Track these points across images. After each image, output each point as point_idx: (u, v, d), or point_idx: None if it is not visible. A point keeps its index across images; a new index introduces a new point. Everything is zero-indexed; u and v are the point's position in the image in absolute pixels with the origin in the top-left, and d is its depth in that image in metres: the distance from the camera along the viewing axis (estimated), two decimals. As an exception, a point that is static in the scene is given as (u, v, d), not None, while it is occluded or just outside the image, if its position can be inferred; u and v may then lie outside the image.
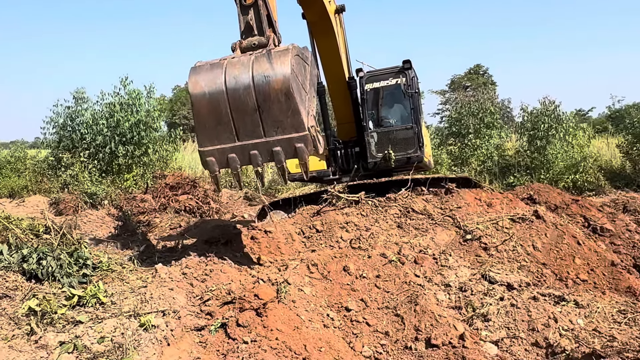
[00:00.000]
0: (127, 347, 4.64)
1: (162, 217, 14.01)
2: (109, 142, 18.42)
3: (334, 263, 7.16)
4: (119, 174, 18.39)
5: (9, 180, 17.91)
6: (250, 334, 5.34)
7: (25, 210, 13.68)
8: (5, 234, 6.53)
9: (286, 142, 6.17)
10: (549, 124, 21.68)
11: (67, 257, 6.32)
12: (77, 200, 14.90)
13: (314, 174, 11.93)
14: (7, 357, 4.38)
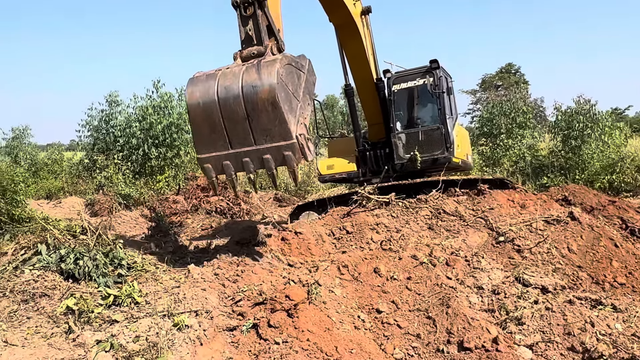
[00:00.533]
0: (161, 347, 4.71)
1: (194, 218, 14.21)
2: (142, 144, 18.77)
3: (365, 264, 7.15)
4: (152, 176, 18.72)
5: (47, 182, 18.42)
6: (281, 335, 5.37)
7: (62, 211, 14.04)
8: (44, 234, 6.70)
9: (275, 150, 6.35)
10: (584, 124, 21.18)
11: (103, 257, 6.46)
12: (112, 202, 15.23)
13: (344, 175, 11.94)
14: (47, 355, 4.50)
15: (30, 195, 15.82)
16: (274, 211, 15.94)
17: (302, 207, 11.95)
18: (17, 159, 21.84)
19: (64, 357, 4.50)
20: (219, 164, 6.64)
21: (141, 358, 4.54)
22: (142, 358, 4.54)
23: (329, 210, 9.82)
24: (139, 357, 4.55)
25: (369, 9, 10.67)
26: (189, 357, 4.73)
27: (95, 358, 4.46)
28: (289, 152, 6.28)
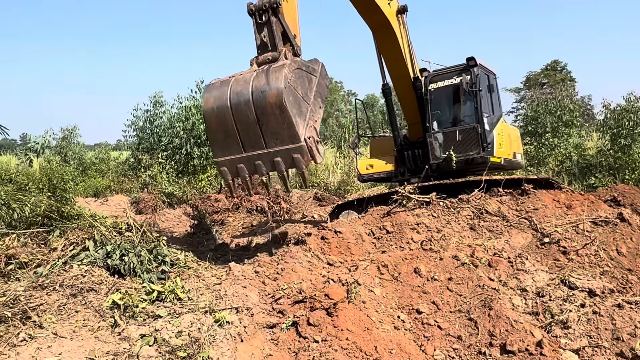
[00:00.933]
0: (202, 342, 4.79)
1: (235, 216, 14.40)
2: (185, 144, 19.12)
3: (405, 264, 7.09)
4: (194, 175, 19.05)
5: (94, 181, 18.98)
6: (320, 333, 5.38)
7: (109, 209, 14.45)
8: (92, 231, 6.92)
9: (285, 152, 6.55)
10: (635, 122, 20.39)
11: (147, 253, 6.63)
12: (156, 200, 15.58)
13: (382, 175, 11.88)
14: (94, 348, 4.65)
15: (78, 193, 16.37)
16: (314, 210, 15.98)
17: (341, 207, 11.94)
18: (66, 158, 22.60)
19: (109, 350, 4.63)
20: (233, 166, 6.90)
21: (183, 353, 4.63)
22: (184, 353, 4.63)
23: (369, 209, 9.77)
24: (181, 351, 4.64)
25: (404, 8, 10.56)
26: (229, 353, 4.80)
27: (140, 352, 4.58)
28: (298, 154, 6.46)
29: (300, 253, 7.45)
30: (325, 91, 7.25)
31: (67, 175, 10.91)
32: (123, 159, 22.70)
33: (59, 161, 21.61)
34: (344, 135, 30.46)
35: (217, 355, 4.69)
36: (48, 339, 4.74)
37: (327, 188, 21.66)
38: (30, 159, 22.93)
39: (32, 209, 7.50)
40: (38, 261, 6.23)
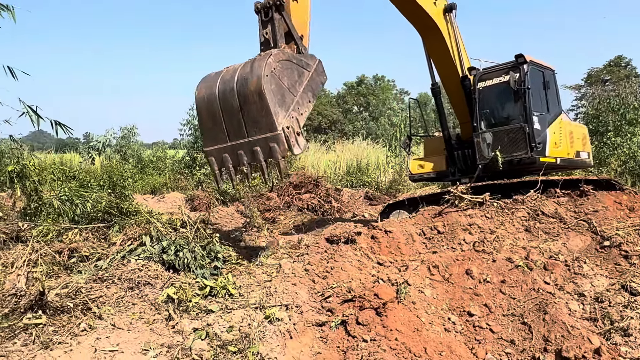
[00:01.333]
0: (253, 338, 4.88)
1: (286, 214, 14.54)
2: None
3: (456, 266, 6.98)
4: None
5: (151, 178, 19.59)
6: (369, 333, 5.37)
7: (165, 206, 14.89)
8: (148, 227, 7.15)
9: (263, 141, 6.44)
10: None
11: (201, 250, 6.79)
12: (210, 197, 15.93)
13: (433, 175, 11.74)
14: (149, 339, 4.82)
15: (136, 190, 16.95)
16: (365, 209, 15.95)
17: (392, 206, 11.86)
18: (125, 156, 23.46)
19: (164, 342, 4.78)
20: (220, 156, 6.88)
21: (234, 347, 4.73)
22: (235, 348, 4.73)
23: (420, 209, 9.66)
24: (232, 346, 4.74)
25: (452, 6, 10.37)
26: (279, 349, 4.86)
27: (192, 345, 4.70)
28: (274, 143, 6.34)
29: (350, 252, 7.45)
30: (319, 87, 7.16)
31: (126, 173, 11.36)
32: (179, 157, 23.33)
33: (118, 159, 22.46)
34: (396, 134, 30.23)
35: (266, 351, 4.76)
36: (106, 329, 4.94)
37: (378, 187, 21.56)
38: (92, 157, 23.96)
39: (93, 205, 7.84)
40: (98, 255, 6.50)
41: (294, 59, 6.75)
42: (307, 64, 6.94)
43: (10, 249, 6.24)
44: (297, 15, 7.33)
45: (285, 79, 6.56)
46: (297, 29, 7.21)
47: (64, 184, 9.13)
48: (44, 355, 4.36)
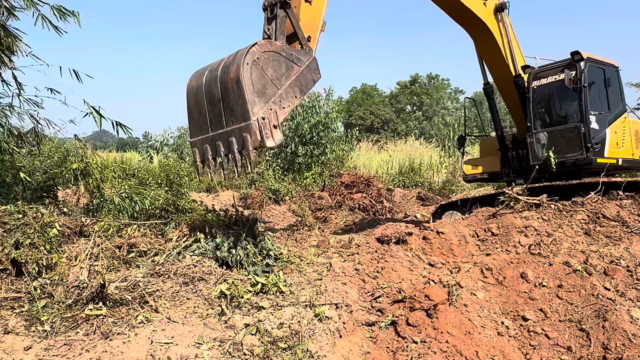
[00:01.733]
0: (302, 335, 4.93)
1: (337, 213, 14.58)
2: (290, 143, 19.67)
3: (510, 269, 6.81)
4: (299, 172, 19.54)
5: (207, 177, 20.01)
6: (420, 334, 5.33)
7: (219, 204, 15.22)
8: (203, 224, 7.35)
9: (238, 131, 6.19)
10: None
11: (253, 247, 6.91)
12: (262, 196, 16.16)
13: (486, 175, 11.51)
14: (202, 333, 4.95)
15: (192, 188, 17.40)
16: (417, 210, 15.78)
17: (445, 207, 11.69)
18: (182, 155, 24.12)
19: (216, 336, 4.90)
20: (202, 147, 6.72)
21: (284, 344, 4.79)
22: (285, 344, 4.79)
23: (474, 210, 9.48)
24: (282, 343, 4.80)
25: (503, 5, 10.07)
26: (328, 348, 4.89)
27: (243, 340, 4.80)
28: (247, 133, 6.09)
29: (400, 252, 7.41)
30: (310, 85, 6.89)
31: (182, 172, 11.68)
32: (233, 157, 23.75)
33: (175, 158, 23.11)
34: (449, 134, 29.76)
35: (316, 348, 4.80)
36: (162, 322, 5.11)
37: (431, 187, 21.30)
38: (150, 156, 24.77)
39: (151, 202, 8.14)
40: (155, 250, 6.73)
41: (283, 52, 6.58)
42: (298, 59, 6.74)
43: (74, 243, 6.54)
44: (308, 16, 7.27)
45: (270, 70, 6.37)
46: (306, 30, 7.12)
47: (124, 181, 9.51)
48: (103, 345, 4.56)
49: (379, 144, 33.56)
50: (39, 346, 4.54)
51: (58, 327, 4.86)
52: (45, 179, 9.18)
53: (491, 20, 9.96)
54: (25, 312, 5.10)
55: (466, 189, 19.26)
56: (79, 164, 8.79)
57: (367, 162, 26.17)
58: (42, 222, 6.24)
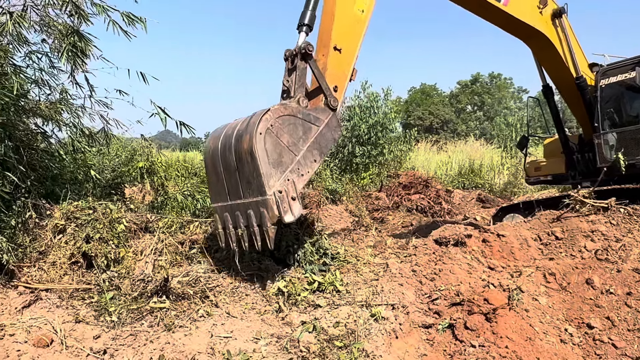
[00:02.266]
0: (358, 334, 4.95)
1: (395, 214, 14.49)
2: (348, 143, 19.70)
3: (575, 274, 6.56)
4: (357, 173, 19.53)
5: (265, 176, 20.36)
6: (478, 339, 5.23)
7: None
8: (261, 222, 7.49)
9: (255, 205, 5.80)
10: None
11: (310, 246, 6.98)
12: (320, 196, 16.27)
13: (550, 178, 11.12)
14: (260, 329, 5.06)
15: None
16: (476, 212, 15.45)
17: (506, 209, 11.39)
18: (242, 155, 24.61)
19: (273, 332, 5.00)
20: (222, 214, 6.37)
21: (340, 343, 4.82)
22: (341, 343, 4.82)
23: (536, 213, 9.18)
24: (338, 341, 4.84)
25: (562, 10, 9.60)
26: (384, 348, 4.88)
27: (300, 337, 4.87)
28: (264, 208, 5.68)
29: (459, 255, 7.28)
30: (330, 144, 6.42)
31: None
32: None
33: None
34: (511, 135, 28.95)
35: (371, 348, 4.80)
36: (222, 317, 5.26)
37: (492, 189, 20.78)
38: (212, 155, 25.38)
39: (212, 200, 8.34)
40: (216, 247, 6.92)
41: (299, 113, 6.10)
42: (316, 119, 6.28)
43: (140, 238, 6.83)
44: (337, 65, 6.87)
45: (286, 136, 5.93)
46: (333, 80, 6.73)
47: (187, 180, 9.82)
48: (166, 336, 4.74)
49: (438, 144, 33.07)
50: (107, 335, 4.78)
51: (124, 318, 5.10)
52: (114, 177, 9.63)
53: (549, 29, 9.58)
54: (94, 303, 5.38)
55: (528, 191, 18.69)
56: (145, 163, 9.15)
57: (426, 163, 25.84)
58: (110, 217, 6.55)
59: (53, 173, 7.57)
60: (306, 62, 6.40)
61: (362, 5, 7.13)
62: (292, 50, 6.50)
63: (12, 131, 6.52)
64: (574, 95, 10.22)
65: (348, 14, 6.99)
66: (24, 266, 5.86)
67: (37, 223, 6.39)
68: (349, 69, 7.03)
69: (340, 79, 6.88)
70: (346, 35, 6.95)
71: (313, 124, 6.23)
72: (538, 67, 10.81)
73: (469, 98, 59.92)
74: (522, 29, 9.50)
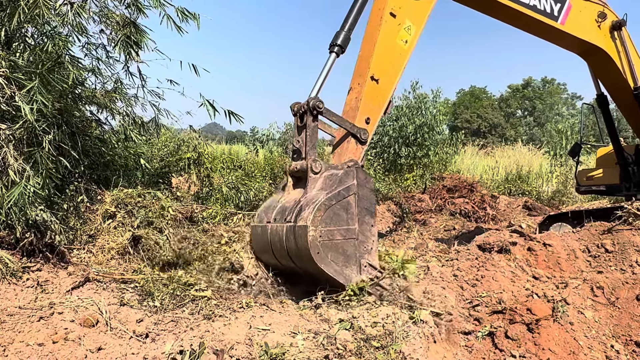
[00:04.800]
0: (396, 336, 4.90)
1: (438, 217, 14.30)
2: (394, 143, 19.58)
3: (625, 289, 6.32)
4: (401, 173, 19.39)
5: (308, 172, 20.47)
6: (519, 349, 5.11)
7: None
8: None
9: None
10: None
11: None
12: (362, 195, 16.22)
13: (603, 188, 10.75)
14: (298, 324, 5.08)
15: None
16: (522, 219, 15.06)
17: (553, 218, 11.08)
18: (286, 149, 24.80)
19: (311, 328, 5.01)
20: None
21: (377, 343, 4.79)
22: (378, 343, 4.79)
23: (586, 224, 8.90)
24: (375, 341, 4.81)
25: (621, 23, 9.15)
26: (421, 352, 4.82)
27: (337, 334, 4.86)
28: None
29: (502, 262, 7.13)
30: (372, 199, 5.94)
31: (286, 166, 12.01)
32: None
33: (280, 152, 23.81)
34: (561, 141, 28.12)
35: (409, 351, 4.75)
36: (261, 309, 5.31)
37: (539, 197, 20.24)
38: (256, 149, 25.71)
39: (255, 193, 8.46)
40: (258, 240, 6.99)
41: (333, 200, 5.59)
42: (346, 189, 5.72)
43: (185, 227, 6.97)
44: (373, 97, 6.51)
45: (336, 231, 5.56)
46: (366, 111, 6.43)
47: (232, 172, 9.97)
48: (206, 325, 4.82)
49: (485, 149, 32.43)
50: (149, 320, 4.90)
51: (167, 304, 5.22)
52: (162, 166, 9.85)
53: (608, 42, 9.19)
54: (139, 287, 5.53)
55: (578, 200, 18.12)
56: (192, 154, 9.33)
57: (472, 167, 25.40)
58: (159, 205, 6.71)
59: (105, 160, 7.81)
60: (316, 120, 6.09)
61: (406, 36, 6.88)
62: (301, 104, 6.15)
63: (68, 118, 6.77)
64: (631, 105, 9.82)
65: (390, 45, 6.72)
66: (74, 248, 6.08)
67: (88, 207, 6.61)
68: (384, 102, 6.72)
69: (374, 111, 6.59)
70: (386, 67, 6.67)
71: (347, 195, 5.73)
72: (593, 78, 10.47)
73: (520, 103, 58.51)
74: (579, 45, 9.19)
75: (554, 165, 25.28)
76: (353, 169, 5.87)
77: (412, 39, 6.93)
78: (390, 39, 6.74)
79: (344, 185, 5.73)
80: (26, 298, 4.95)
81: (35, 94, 5.45)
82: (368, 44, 6.73)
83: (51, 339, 4.26)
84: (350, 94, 6.71)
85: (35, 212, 5.45)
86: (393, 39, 6.76)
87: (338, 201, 5.66)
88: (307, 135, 6.05)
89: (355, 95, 6.56)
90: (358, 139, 6.37)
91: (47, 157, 5.67)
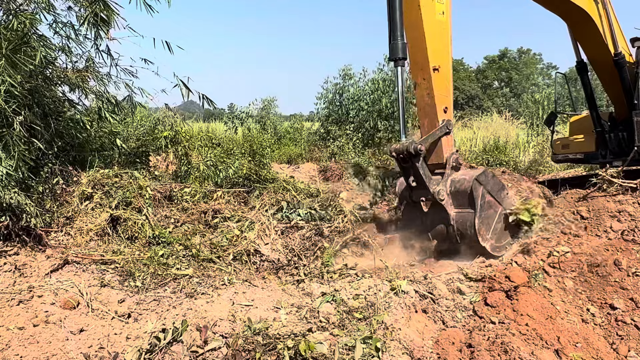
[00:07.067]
0: (378, 307, 4.97)
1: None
2: (369, 118, 19.55)
3: (600, 255, 6.46)
4: (379, 147, 19.41)
5: (288, 149, 20.41)
6: (498, 315, 5.21)
7: (300, 175, 15.48)
8: (285, 194, 7.53)
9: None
10: None
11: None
12: (342, 169, 16.25)
13: (580, 156, 10.89)
14: (280, 298, 5.12)
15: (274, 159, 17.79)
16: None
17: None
18: (264, 126, 24.63)
19: (294, 302, 5.05)
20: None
21: (359, 314, 4.85)
22: (360, 314, 4.85)
23: (562, 192, 9.05)
24: (357, 313, 4.87)
25: None
26: (403, 321, 4.90)
27: (319, 307, 4.91)
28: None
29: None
30: (502, 189, 7.28)
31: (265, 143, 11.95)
32: (314, 130, 24.01)
33: (258, 129, 23.64)
34: (538, 112, 28.41)
35: (391, 321, 4.82)
36: (243, 285, 5.33)
37: (517, 167, 20.46)
38: (235, 127, 25.46)
39: (235, 171, 8.40)
40: (238, 217, 6.98)
41: (482, 210, 6.74)
42: (497, 204, 7.01)
43: (164, 206, 6.91)
44: (441, 86, 7.04)
45: (500, 238, 6.89)
46: (442, 102, 6.99)
47: (210, 150, 9.86)
48: (189, 302, 4.82)
49: (463, 120, 32.62)
50: (131, 300, 4.88)
51: (148, 284, 5.20)
52: (138, 146, 9.69)
53: (590, 5, 9.25)
54: (119, 268, 5.49)
55: (554, 169, 18.40)
56: (169, 132, 9.20)
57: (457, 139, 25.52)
58: (137, 185, 6.63)
59: (80, 140, 7.65)
60: (419, 160, 6.63)
61: (441, 7, 7.08)
62: (399, 149, 6.65)
63: (39, 98, 6.59)
64: (610, 72, 9.90)
65: (434, 25, 6.96)
66: (51, 231, 5.99)
67: (64, 189, 6.50)
68: (451, 85, 7.23)
69: (447, 98, 7.12)
70: (439, 49, 7.02)
71: (495, 207, 6.98)
72: (573, 43, 10.48)
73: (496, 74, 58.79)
74: (562, 4, 9.20)
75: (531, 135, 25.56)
76: (474, 180, 6.82)
77: (446, 7, 7.12)
78: (432, 18, 6.95)
79: (493, 204, 7.00)
80: (4, 282, 4.88)
81: (2, 74, 5.29)
82: (414, 33, 6.96)
83: (31, 322, 4.22)
84: (419, 90, 7.15)
85: (9, 195, 5.34)
86: (434, 16, 6.97)
87: (487, 207, 6.88)
88: (424, 173, 6.70)
89: (426, 92, 7.00)
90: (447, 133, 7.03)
91: (19, 138, 5.54)
